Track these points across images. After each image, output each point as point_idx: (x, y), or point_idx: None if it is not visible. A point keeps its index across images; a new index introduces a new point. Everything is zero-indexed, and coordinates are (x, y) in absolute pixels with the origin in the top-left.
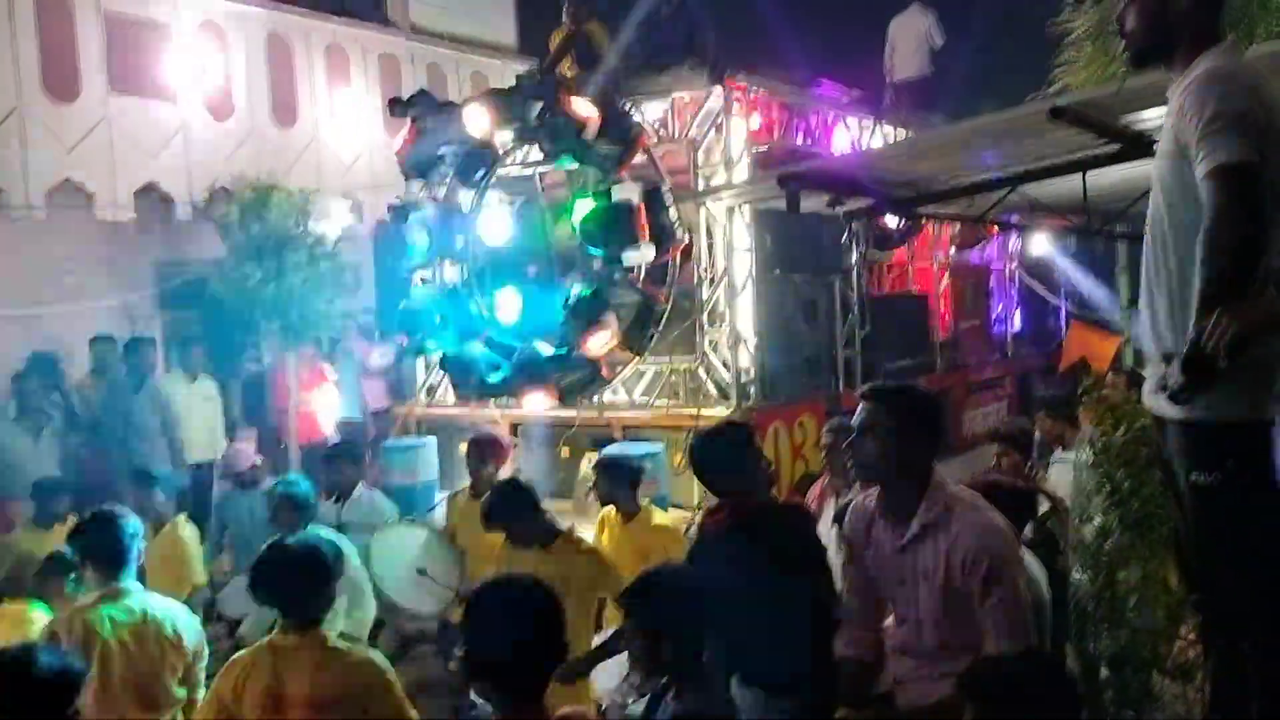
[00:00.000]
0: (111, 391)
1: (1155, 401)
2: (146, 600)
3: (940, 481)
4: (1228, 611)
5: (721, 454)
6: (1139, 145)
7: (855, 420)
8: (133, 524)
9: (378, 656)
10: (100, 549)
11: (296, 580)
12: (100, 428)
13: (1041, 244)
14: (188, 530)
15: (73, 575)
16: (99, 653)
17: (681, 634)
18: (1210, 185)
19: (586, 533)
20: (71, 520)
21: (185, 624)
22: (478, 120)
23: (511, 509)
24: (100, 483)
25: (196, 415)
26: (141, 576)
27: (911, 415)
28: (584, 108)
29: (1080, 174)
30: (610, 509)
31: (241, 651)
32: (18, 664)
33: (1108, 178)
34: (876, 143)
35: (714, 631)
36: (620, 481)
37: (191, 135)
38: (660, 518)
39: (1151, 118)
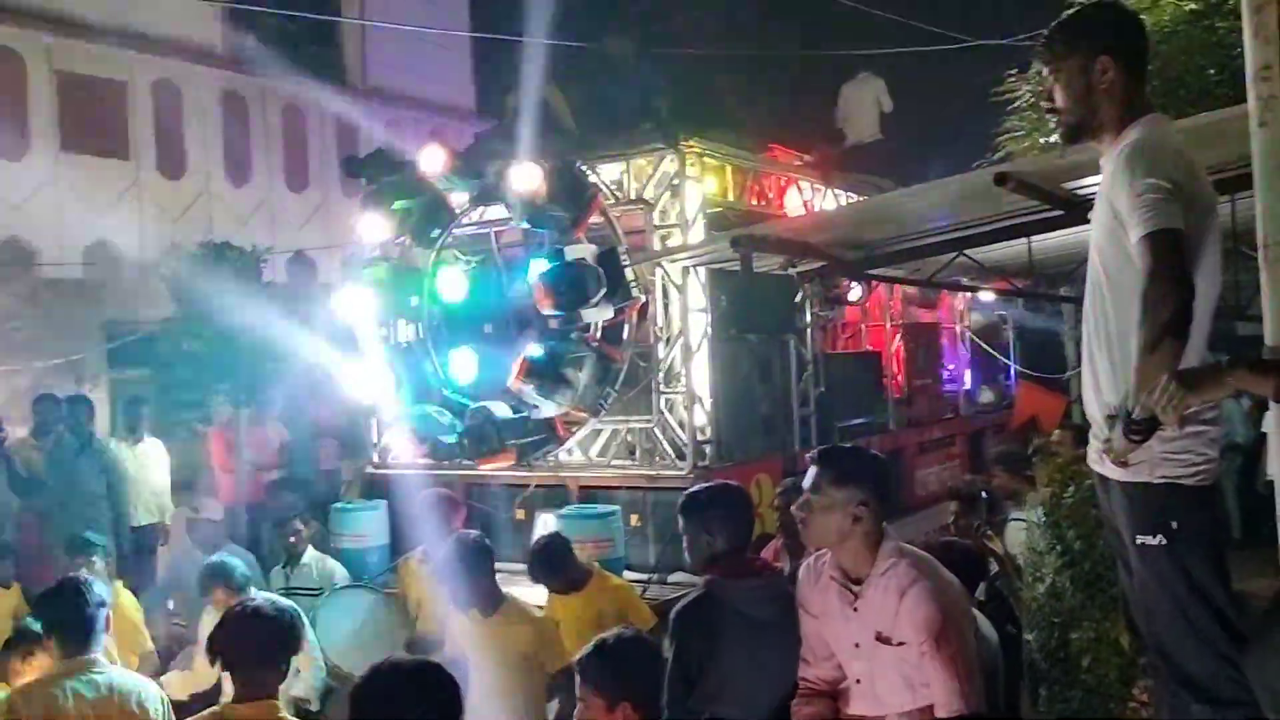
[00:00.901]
0: (55, 453)
1: (1099, 463)
2: (113, 674)
3: (891, 541)
4: (1177, 674)
5: (723, 515)
6: (1080, 211)
7: (805, 483)
8: (99, 592)
9: None
10: (68, 619)
11: (255, 646)
12: (43, 490)
13: (989, 305)
14: (125, 597)
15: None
16: None
17: (637, 701)
18: (1143, 251)
19: (537, 598)
20: (15, 586)
21: (151, 697)
22: (433, 160)
23: (468, 564)
24: (42, 548)
25: (142, 478)
26: None
27: (860, 477)
28: (528, 177)
29: (1025, 238)
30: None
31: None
32: None
33: (1052, 242)
34: (829, 205)
35: (672, 695)
36: (556, 562)
37: (144, 193)
38: (613, 579)
39: (1092, 184)
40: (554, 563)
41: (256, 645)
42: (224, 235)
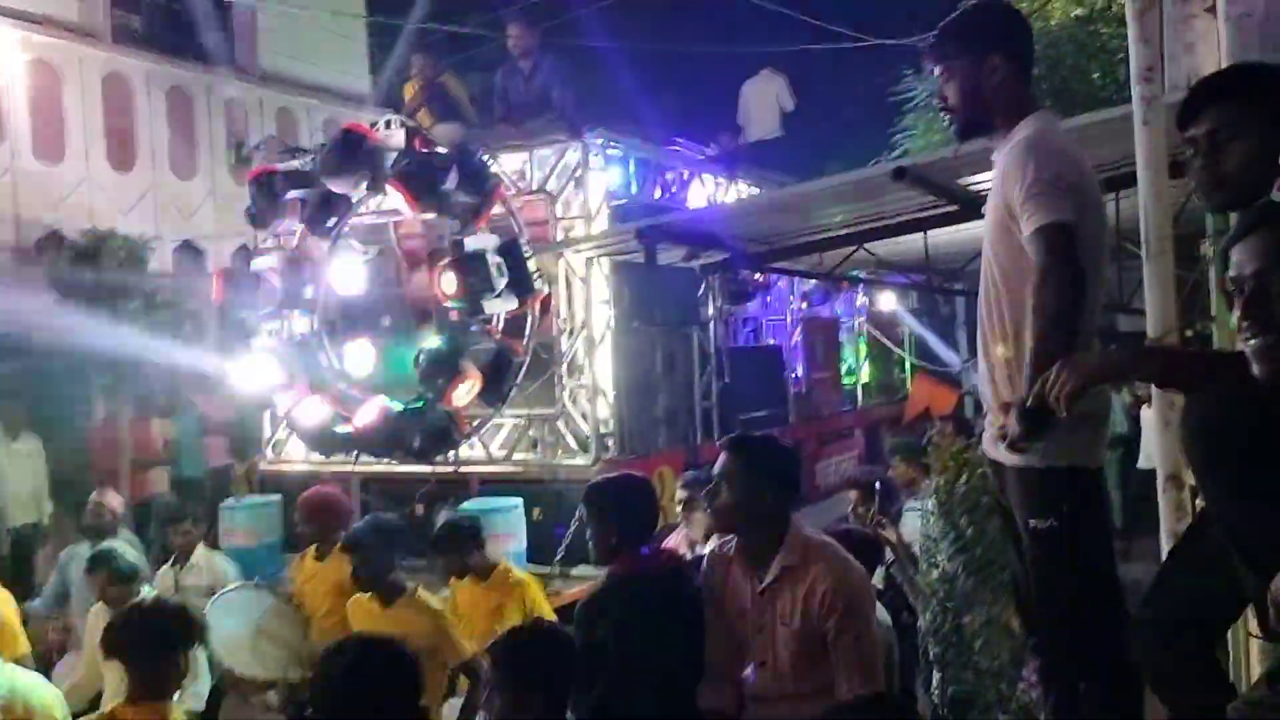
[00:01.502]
0: None
1: (994, 449)
2: (14, 674)
3: (797, 528)
4: (1065, 653)
5: (627, 506)
6: (974, 206)
7: (715, 470)
8: None
9: None
10: None
11: (149, 646)
12: None
13: (887, 300)
14: (2, 595)
15: None
16: None
17: (549, 690)
18: (1035, 244)
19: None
20: None
21: (53, 697)
22: (344, 186)
23: (375, 544)
24: None
25: (18, 475)
26: None
27: (769, 466)
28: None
29: (921, 233)
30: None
31: None
32: None
33: (946, 237)
34: (731, 199)
35: (581, 687)
36: (462, 545)
37: (19, 177)
38: (516, 573)
39: (984, 180)
40: (459, 542)
41: (152, 643)
42: (106, 223)
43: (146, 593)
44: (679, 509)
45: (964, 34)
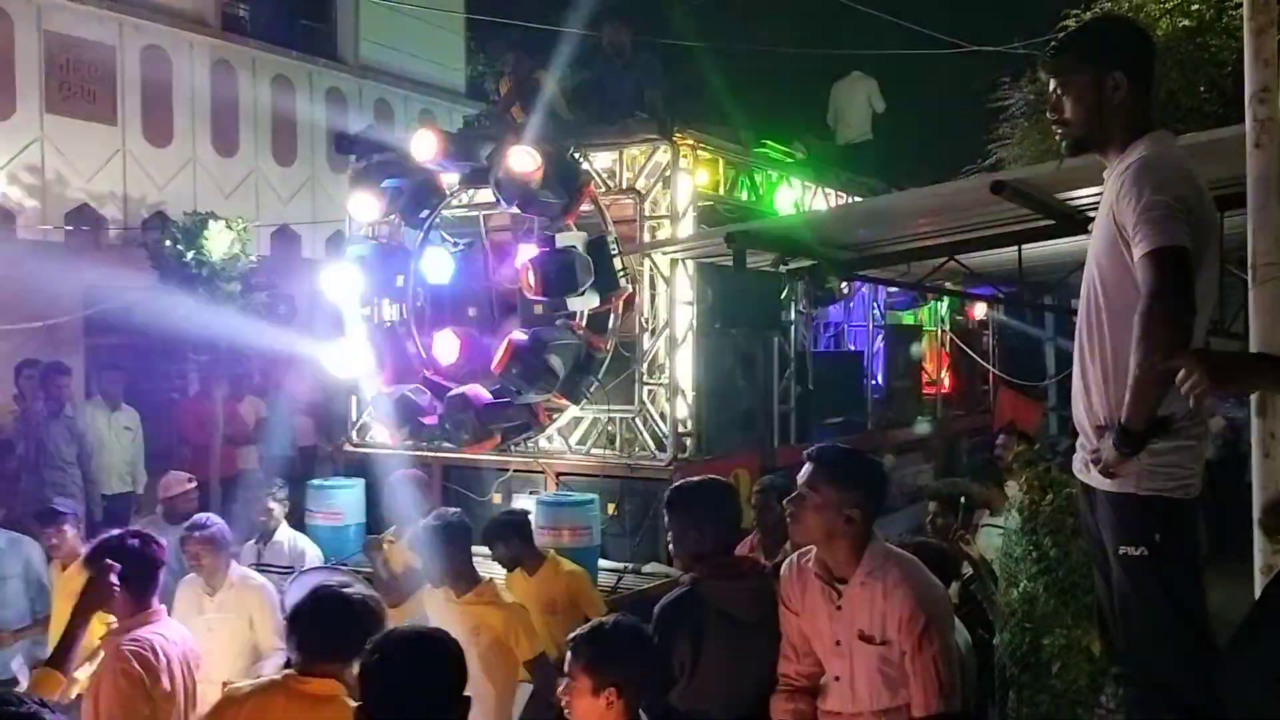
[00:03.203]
0: (26, 418)
1: (1086, 473)
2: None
3: (878, 543)
4: (1150, 684)
5: (713, 510)
6: (1072, 222)
7: (800, 480)
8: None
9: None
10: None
11: (338, 634)
12: (11, 455)
13: (974, 311)
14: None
15: None
16: None
17: (625, 687)
18: (1146, 266)
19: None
20: None
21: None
22: (424, 147)
23: (445, 541)
24: (10, 513)
25: (116, 446)
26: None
27: (855, 479)
28: (525, 160)
29: (1015, 246)
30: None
31: (245, 690)
32: None
33: (1039, 251)
34: (819, 203)
35: (658, 689)
36: (512, 538)
37: (129, 159)
38: (565, 564)
39: (1084, 196)
40: (506, 535)
41: (341, 633)
42: (208, 206)
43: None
44: (753, 514)
45: (1087, 48)
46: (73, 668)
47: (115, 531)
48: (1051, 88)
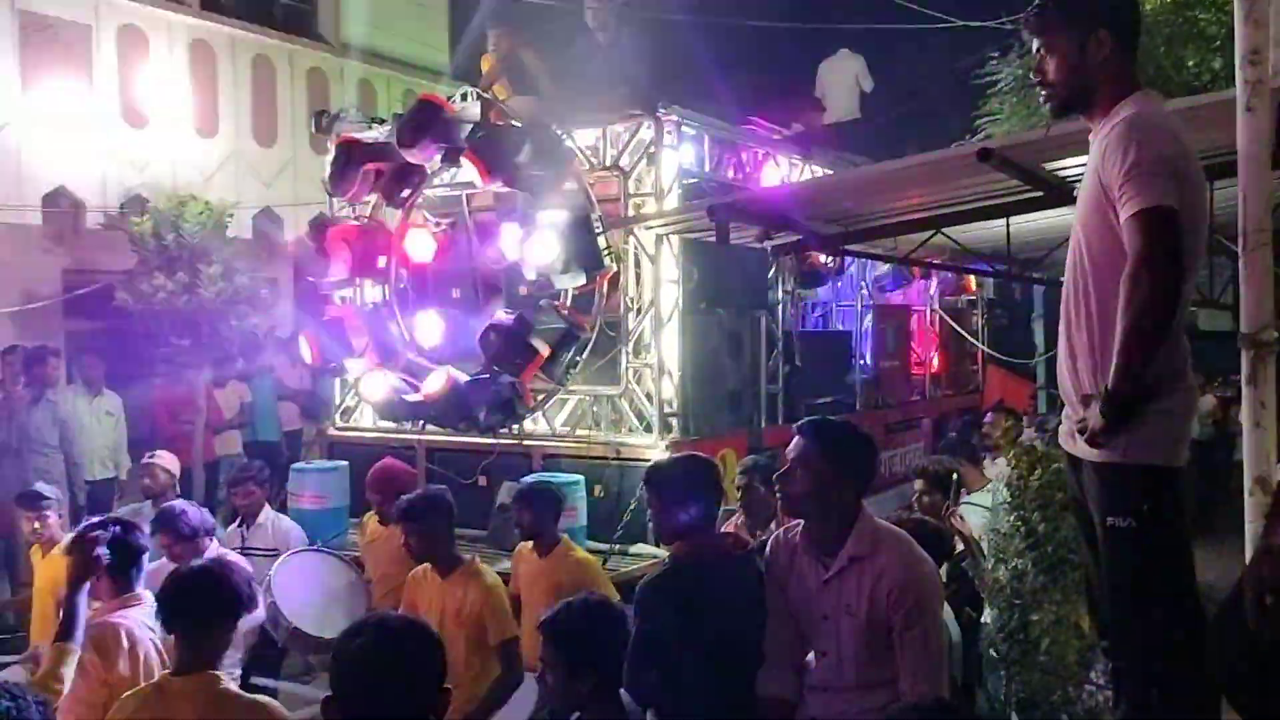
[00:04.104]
0: (6, 403)
1: (1072, 443)
2: None
3: (868, 517)
4: (1139, 657)
5: (693, 488)
6: (1061, 192)
7: (789, 454)
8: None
9: (272, 704)
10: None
11: (200, 609)
12: None
13: (962, 288)
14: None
15: None
16: None
17: (600, 667)
18: (1133, 229)
19: (498, 566)
20: None
21: None
22: (419, 156)
23: (431, 516)
24: None
25: (97, 431)
26: (28, 603)
27: (844, 453)
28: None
29: (1004, 219)
30: (528, 543)
31: (127, 693)
32: None
33: (1027, 225)
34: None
35: (637, 666)
36: (546, 511)
37: (106, 141)
38: (578, 552)
39: (1072, 166)
40: (539, 505)
41: (201, 608)
42: (189, 188)
43: (210, 548)
44: (738, 493)
45: (1071, 6)
46: (81, 637)
47: (96, 519)
48: (1035, 48)
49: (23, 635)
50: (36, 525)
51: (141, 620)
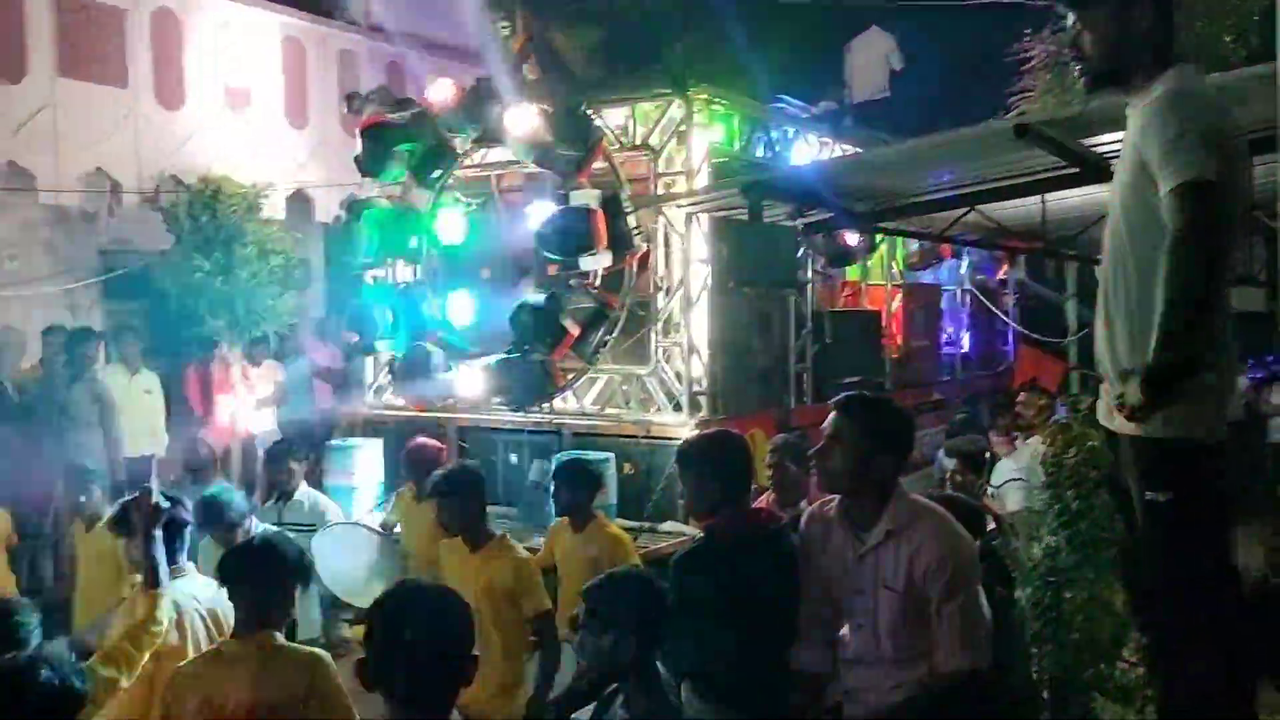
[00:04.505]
0: (48, 381)
1: (1112, 420)
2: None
3: (904, 492)
4: (1175, 633)
5: (725, 464)
6: (1097, 169)
7: (825, 429)
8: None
9: (323, 655)
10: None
11: (263, 578)
12: (32, 418)
13: (991, 268)
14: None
15: None
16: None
17: (638, 636)
18: (1173, 202)
19: (530, 542)
20: (2, 511)
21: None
22: (442, 93)
23: (460, 494)
24: (33, 473)
25: (136, 408)
26: (72, 576)
27: (882, 428)
28: (528, 119)
29: (1039, 196)
30: (563, 519)
31: (184, 662)
32: (19, 676)
33: (1061, 203)
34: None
35: (672, 637)
36: (583, 487)
37: (141, 122)
38: (612, 527)
39: (1109, 142)
40: (577, 482)
41: (260, 575)
42: (222, 169)
43: (254, 527)
44: (768, 472)
45: None
46: (166, 580)
47: (138, 493)
48: (1071, 21)
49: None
50: (81, 498)
51: (187, 591)
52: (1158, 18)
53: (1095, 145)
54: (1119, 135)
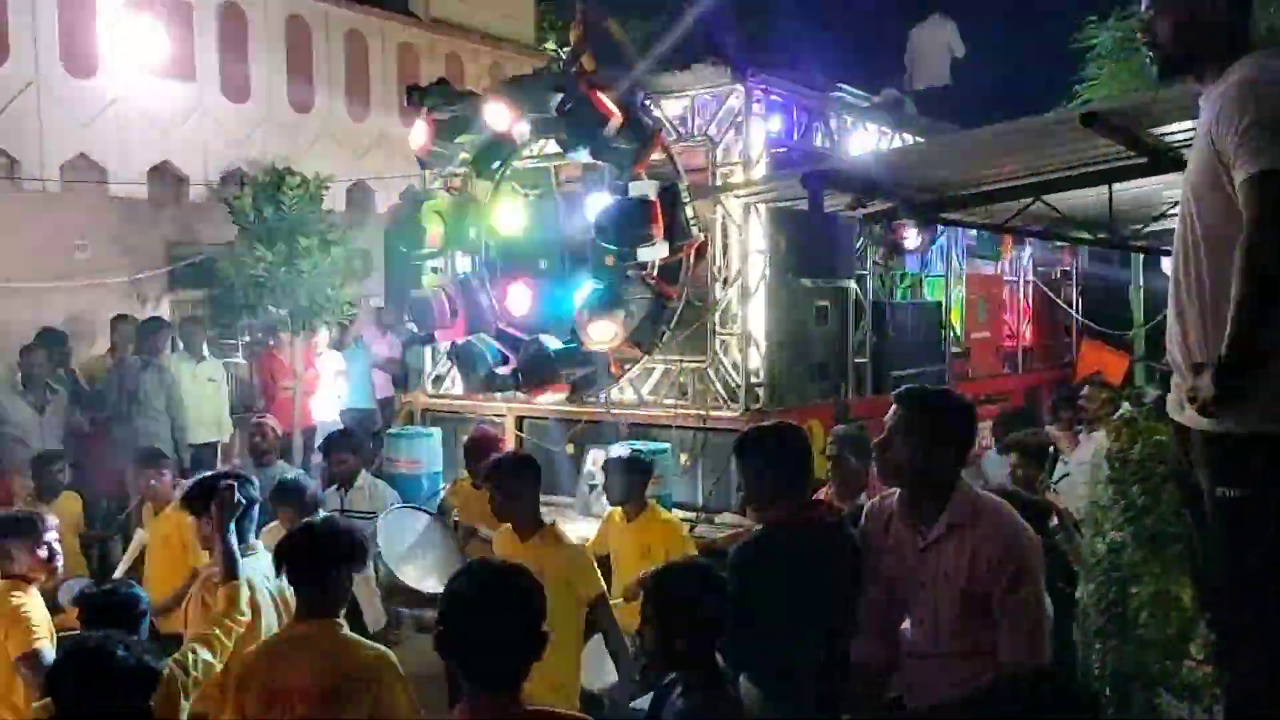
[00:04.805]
0: (119, 369)
1: (1182, 413)
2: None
3: (966, 485)
4: (1246, 632)
5: (784, 456)
6: (1165, 158)
7: (886, 422)
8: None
9: (388, 653)
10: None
11: (321, 561)
12: (105, 404)
13: (1053, 260)
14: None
15: None
16: None
17: (698, 628)
18: (1248, 192)
19: (585, 532)
20: (74, 494)
21: None
22: (499, 116)
23: (514, 482)
24: (104, 459)
25: (201, 396)
26: (141, 559)
27: (944, 421)
28: (610, 103)
29: (1105, 185)
30: (616, 509)
31: (255, 644)
32: (97, 655)
33: (1127, 192)
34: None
35: (731, 629)
36: (635, 477)
37: (207, 116)
38: (664, 514)
39: (1179, 131)
40: (627, 473)
41: (321, 559)
42: (285, 161)
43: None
44: (827, 464)
45: None
46: (243, 572)
47: (210, 473)
48: (1145, 7)
49: None
50: (153, 482)
51: (259, 570)
52: (1234, 3)
53: (1164, 134)
54: (1188, 124)
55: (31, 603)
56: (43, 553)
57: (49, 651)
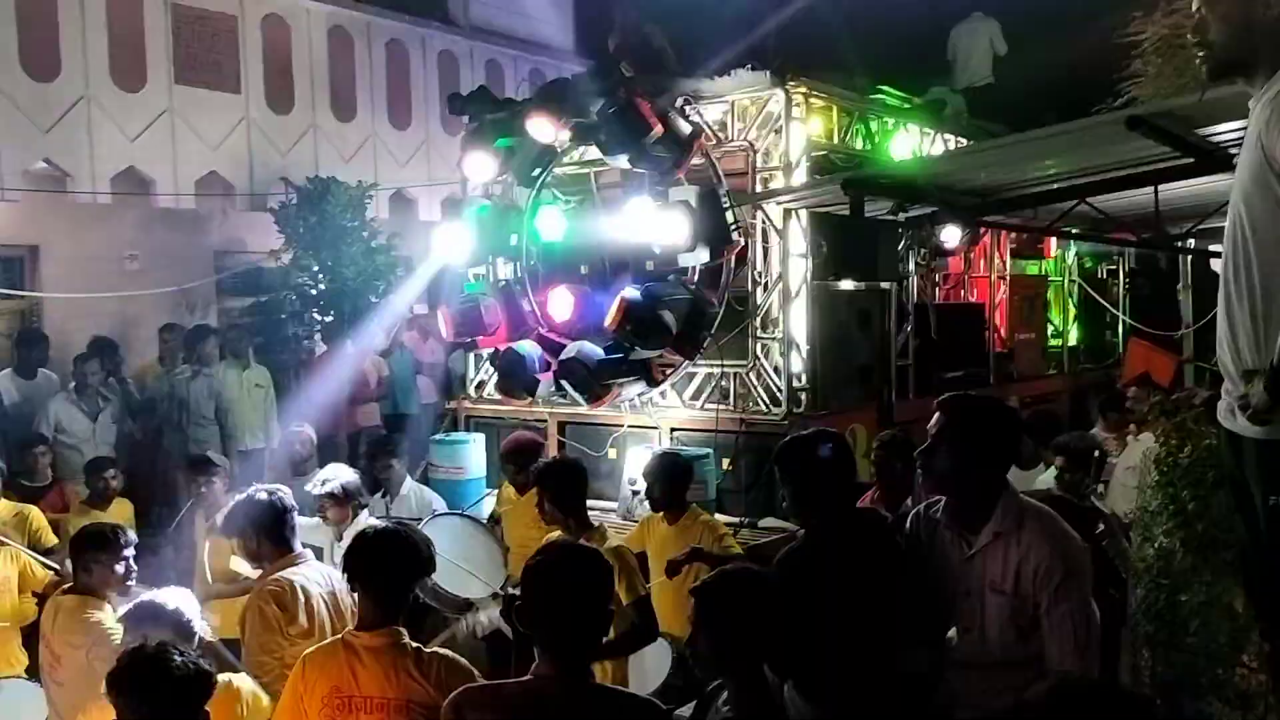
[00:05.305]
0: (168, 377)
1: (1232, 419)
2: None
3: (1012, 493)
4: None
5: (820, 463)
6: (1212, 159)
7: (930, 429)
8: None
9: (461, 660)
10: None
11: (387, 569)
12: (156, 412)
13: (1104, 258)
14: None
15: None
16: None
17: (750, 636)
18: None
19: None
20: (124, 500)
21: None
22: (542, 129)
23: (564, 482)
24: (156, 466)
25: (248, 403)
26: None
27: (988, 428)
28: (649, 111)
29: (1151, 187)
30: (657, 513)
31: (314, 647)
32: (154, 662)
33: (1174, 193)
34: (938, 150)
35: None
36: (676, 482)
37: (253, 126)
38: (705, 514)
39: (1227, 131)
40: (668, 477)
41: (388, 567)
42: (329, 170)
43: (363, 519)
44: (871, 469)
45: None
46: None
47: (242, 494)
48: (1194, 6)
49: None
50: (204, 490)
51: (311, 576)
52: None
53: (1211, 135)
54: (1237, 123)
55: (109, 619)
56: (120, 568)
57: None
